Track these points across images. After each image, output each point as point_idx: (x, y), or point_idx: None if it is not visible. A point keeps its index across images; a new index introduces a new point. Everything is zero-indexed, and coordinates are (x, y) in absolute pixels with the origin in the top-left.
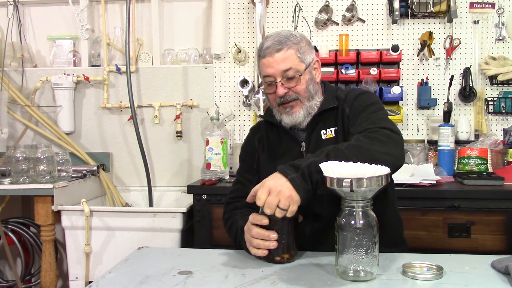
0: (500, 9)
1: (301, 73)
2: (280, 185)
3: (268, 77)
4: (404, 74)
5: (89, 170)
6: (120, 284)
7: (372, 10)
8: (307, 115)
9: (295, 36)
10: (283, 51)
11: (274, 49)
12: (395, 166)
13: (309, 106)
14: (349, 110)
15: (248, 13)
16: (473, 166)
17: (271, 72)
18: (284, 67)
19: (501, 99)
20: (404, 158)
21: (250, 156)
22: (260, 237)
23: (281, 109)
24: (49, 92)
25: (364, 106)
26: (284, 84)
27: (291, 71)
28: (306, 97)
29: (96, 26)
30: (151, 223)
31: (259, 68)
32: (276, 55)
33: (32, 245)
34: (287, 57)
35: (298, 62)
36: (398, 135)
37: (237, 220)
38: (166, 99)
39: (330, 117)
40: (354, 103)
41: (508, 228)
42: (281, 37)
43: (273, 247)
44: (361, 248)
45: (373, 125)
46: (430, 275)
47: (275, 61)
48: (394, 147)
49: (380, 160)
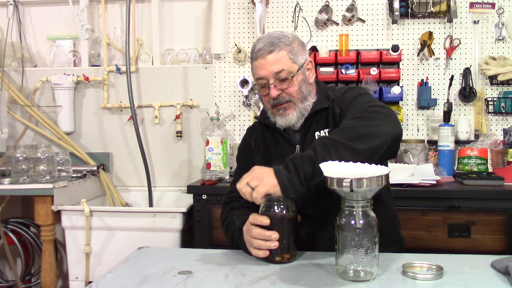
0: (500, 9)
1: (293, 74)
2: (263, 172)
3: (261, 79)
4: (404, 74)
5: (89, 170)
6: (120, 284)
7: (372, 10)
8: (300, 117)
9: (287, 37)
10: (275, 52)
11: (266, 51)
12: (390, 136)
13: (302, 108)
14: (339, 110)
15: (248, 13)
16: (473, 166)
17: (263, 74)
18: (276, 69)
19: (501, 99)
20: (400, 126)
21: (247, 157)
22: (261, 238)
23: (275, 111)
24: (49, 92)
25: (351, 99)
26: (276, 86)
27: (283, 72)
28: (299, 98)
29: (96, 26)
30: (151, 223)
31: (252, 70)
32: (268, 57)
33: (32, 245)
34: (279, 59)
35: (290, 63)
36: (385, 108)
37: (234, 220)
38: (166, 99)
39: (323, 118)
40: (342, 100)
41: (508, 228)
42: (272, 39)
43: (274, 247)
44: (361, 248)
45: (359, 110)
46: (430, 275)
47: (267, 63)
48: (384, 119)
49: (370, 134)
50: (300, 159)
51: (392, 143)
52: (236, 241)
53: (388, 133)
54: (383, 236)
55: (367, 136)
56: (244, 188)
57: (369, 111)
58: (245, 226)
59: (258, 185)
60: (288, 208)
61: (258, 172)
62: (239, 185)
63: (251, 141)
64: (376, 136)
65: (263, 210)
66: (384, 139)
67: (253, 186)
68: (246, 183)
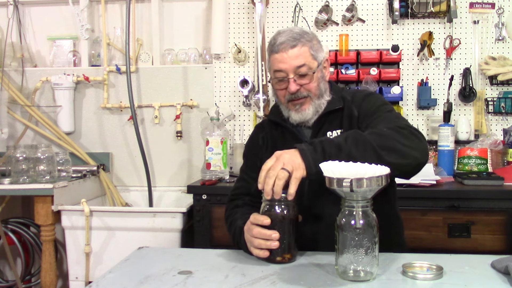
0: (500, 9)
1: (313, 70)
2: (286, 153)
3: (280, 72)
4: (404, 74)
5: (89, 170)
6: (120, 284)
7: (372, 10)
8: (315, 113)
9: (308, 34)
10: (298, 47)
11: (288, 45)
12: (416, 162)
13: (318, 104)
14: (357, 112)
15: (248, 13)
16: (473, 166)
17: (283, 68)
18: (298, 63)
19: (501, 99)
20: (427, 156)
21: (254, 154)
22: (261, 237)
23: (290, 105)
24: (49, 92)
25: (375, 107)
26: (296, 80)
27: (304, 67)
28: (317, 95)
29: (96, 26)
30: (151, 223)
31: (270, 63)
32: (290, 51)
33: (32, 245)
34: (301, 54)
35: (311, 59)
36: (421, 134)
37: (236, 219)
38: (166, 99)
39: (336, 119)
40: (363, 104)
41: (508, 228)
42: (295, 34)
43: (275, 247)
44: (361, 248)
45: (392, 123)
46: (430, 275)
47: (289, 57)
48: (418, 143)
49: (401, 151)
50: (329, 143)
51: (414, 168)
52: (237, 240)
53: (416, 158)
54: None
55: (398, 152)
56: (281, 172)
57: (408, 130)
58: (246, 226)
59: (294, 169)
60: (289, 208)
61: (287, 157)
62: (272, 171)
63: (258, 139)
64: (405, 156)
65: (264, 210)
66: (410, 161)
67: (290, 170)
68: (281, 168)
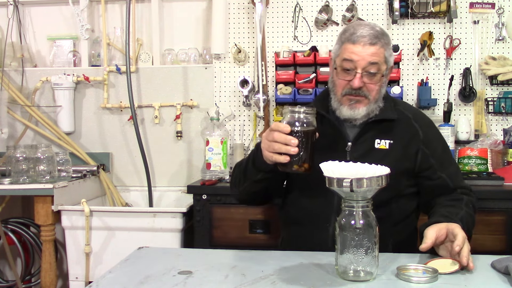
0: (500, 9)
1: (382, 73)
2: None
3: (350, 62)
4: (404, 74)
5: (89, 170)
6: (120, 284)
7: (372, 10)
8: (366, 115)
9: (387, 36)
10: (377, 46)
11: (369, 41)
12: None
13: (372, 107)
14: (423, 135)
15: (248, 13)
16: (473, 166)
17: (356, 59)
18: (371, 60)
19: (501, 99)
20: None
21: None
22: (281, 141)
23: (345, 99)
24: (49, 92)
25: (442, 144)
26: (363, 77)
27: (375, 66)
28: (375, 98)
29: (96, 26)
30: (151, 223)
31: (340, 50)
32: (368, 46)
33: (32, 245)
34: (377, 53)
35: (383, 61)
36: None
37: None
38: (166, 99)
39: (387, 128)
40: (429, 132)
41: (508, 228)
42: (377, 32)
43: (294, 152)
44: (361, 248)
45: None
46: (424, 278)
47: (365, 51)
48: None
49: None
50: None
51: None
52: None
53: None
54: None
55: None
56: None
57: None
58: (265, 133)
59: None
60: (309, 121)
61: None
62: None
63: None
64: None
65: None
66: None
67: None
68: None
